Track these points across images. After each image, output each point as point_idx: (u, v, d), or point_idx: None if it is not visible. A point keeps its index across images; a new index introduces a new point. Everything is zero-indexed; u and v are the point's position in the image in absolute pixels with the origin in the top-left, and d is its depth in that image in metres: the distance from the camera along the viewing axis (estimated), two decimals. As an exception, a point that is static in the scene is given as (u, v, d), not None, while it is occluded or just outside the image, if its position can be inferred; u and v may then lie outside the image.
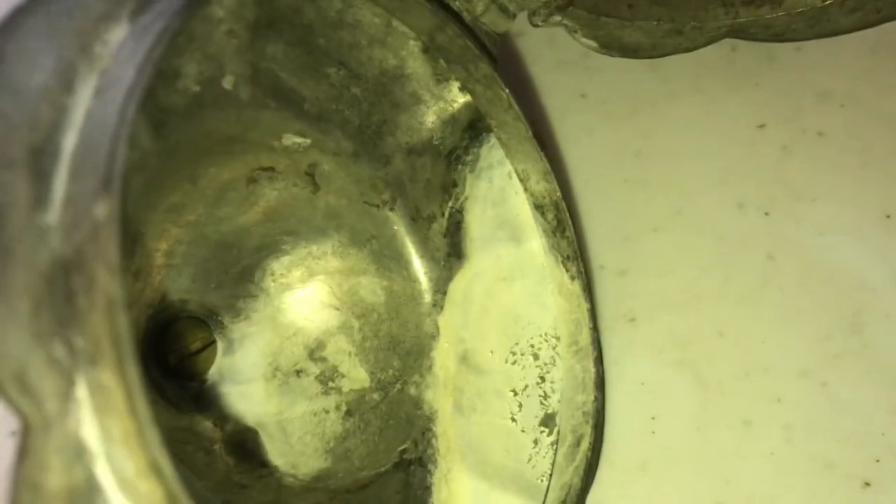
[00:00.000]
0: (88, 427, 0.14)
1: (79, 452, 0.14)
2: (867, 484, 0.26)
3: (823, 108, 0.30)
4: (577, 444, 0.25)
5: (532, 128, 0.25)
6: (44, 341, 0.14)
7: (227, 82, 0.22)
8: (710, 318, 0.28)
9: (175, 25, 0.17)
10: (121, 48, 0.17)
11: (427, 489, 0.25)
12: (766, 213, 0.29)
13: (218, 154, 0.23)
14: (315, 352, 0.26)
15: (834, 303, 0.28)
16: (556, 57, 0.31)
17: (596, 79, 0.31)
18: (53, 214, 0.15)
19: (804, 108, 0.30)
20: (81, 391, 0.14)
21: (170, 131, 0.21)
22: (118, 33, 0.17)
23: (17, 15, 0.16)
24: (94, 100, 0.16)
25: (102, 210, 0.14)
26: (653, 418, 0.27)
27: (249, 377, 0.25)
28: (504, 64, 0.28)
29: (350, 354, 0.26)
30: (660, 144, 0.30)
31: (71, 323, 0.15)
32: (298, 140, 0.24)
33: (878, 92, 0.29)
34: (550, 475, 0.25)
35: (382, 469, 0.25)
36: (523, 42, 0.32)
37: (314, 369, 0.26)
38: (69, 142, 0.16)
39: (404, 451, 0.25)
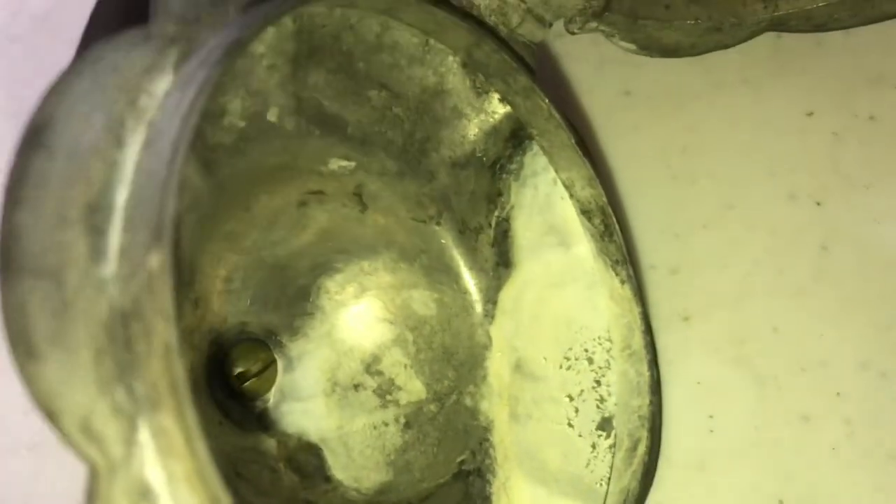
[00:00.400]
0: (152, 469, 0.15)
1: (144, 493, 0.15)
2: (932, 477, 0.26)
3: (874, 92, 0.29)
4: (634, 448, 0.25)
5: (575, 134, 0.26)
6: (107, 388, 0.15)
7: (272, 115, 0.23)
8: (764, 313, 0.28)
9: (217, 74, 0.17)
10: (166, 99, 0.17)
11: (487, 499, 0.25)
12: (819, 203, 0.29)
13: (268, 182, 0.24)
14: (371, 365, 0.26)
15: (891, 292, 0.27)
16: (598, 55, 0.31)
17: (639, 75, 0.31)
18: (110, 267, 0.16)
19: (854, 92, 0.29)
20: (144, 435, 0.15)
21: (219, 167, 0.22)
22: (163, 84, 0.18)
23: (65, 77, 0.16)
24: (143, 152, 0.17)
25: (155, 261, 0.15)
26: (710, 417, 0.27)
27: (310, 394, 0.26)
28: (546, 66, 0.28)
29: (405, 367, 0.26)
30: (707, 138, 0.30)
31: (131, 370, 0.15)
32: (344, 164, 0.25)
33: (930, 74, 0.29)
34: (609, 479, 0.25)
35: (442, 480, 0.25)
36: (564, 43, 0.32)
37: (371, 383, 0.26)
38: (121, 196, 0.16)
39: (463, 461, 0.26)
